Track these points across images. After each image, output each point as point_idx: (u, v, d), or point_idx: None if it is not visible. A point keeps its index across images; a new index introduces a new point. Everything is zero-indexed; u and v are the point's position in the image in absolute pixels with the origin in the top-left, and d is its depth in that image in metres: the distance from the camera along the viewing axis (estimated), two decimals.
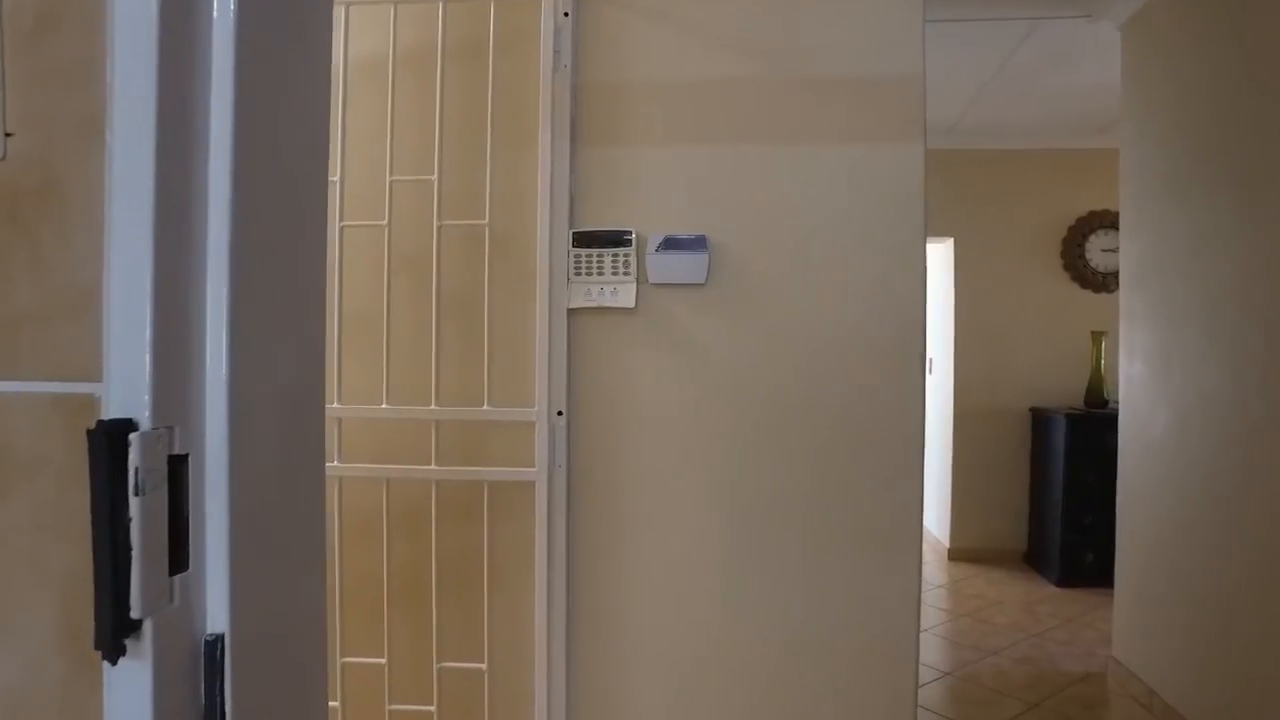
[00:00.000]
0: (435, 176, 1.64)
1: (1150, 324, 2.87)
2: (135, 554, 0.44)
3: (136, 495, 0.44)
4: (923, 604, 2.31)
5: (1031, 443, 4.82)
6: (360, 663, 1.67)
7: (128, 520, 0.44)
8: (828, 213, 1.67)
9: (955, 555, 4.88)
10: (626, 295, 1.68)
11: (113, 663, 0.44)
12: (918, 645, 1.67)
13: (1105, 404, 4.39)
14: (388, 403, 1.65)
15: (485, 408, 1.66)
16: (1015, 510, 4.86)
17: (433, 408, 1.65)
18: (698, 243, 1.67)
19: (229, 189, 0.49)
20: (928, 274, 1.71)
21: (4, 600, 0.48)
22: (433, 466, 1.65)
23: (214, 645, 0.49)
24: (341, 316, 1.64)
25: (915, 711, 1.67)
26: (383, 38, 1.66)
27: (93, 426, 0.43)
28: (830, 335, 1.67)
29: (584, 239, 1.68)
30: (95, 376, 0.46)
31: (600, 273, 1.67)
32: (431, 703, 1.66)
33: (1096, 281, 4.74)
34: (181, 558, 0.48)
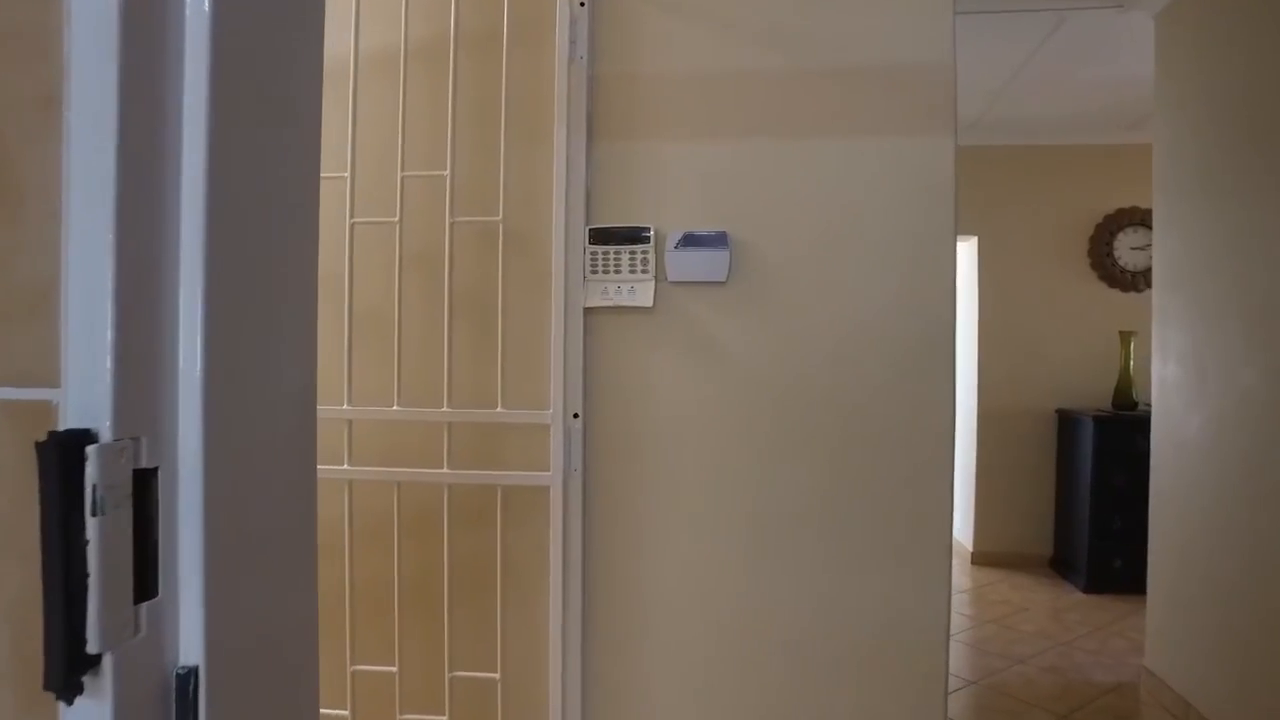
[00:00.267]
0: (448, 172, 1.60)
1: (1185, 324, 2.78)
2: (92, 581, 0.39)
3: (94, 515, 0.39)
4: None
5: (1057, 445, 4.72)
6: (370, 670, 1.63)
7: (84, 544, 0.39)
8: (854, 208, 1.61)
9: (979, 559, 4.78)
10: (644, 294, 1.62)
11: (68, 703, 0.40)
12: (947, 660, 1.61)
13: (1134, 406, 4.28)
14: (399, 404, 1.61)
15: (499, 410, 1.61)
16: (1040, 514, 4.76)
17: (445, 410, 1.60)
18: (718, 239, 1.61)
19: (204, 174, 0.45)
20: (956, 272, 1.64)
21: None
22: (445, 470, 1.61)
23: (186, 679, 0.44)
24: (352, 316, 1.60)
25: None
26: (393, 29, 1.61)
27: (44, 438, 0.38)
28: (856, 335, 1.61)
29: (600, 236, 1.63)
30: (53, 381, 0.41)
31: (617, 271, 1.62)
32: (443, 712, 1.61)
33: (1125, 280, 4.63)
34: (149, 583, 0.43)
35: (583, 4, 1.62)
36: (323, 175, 1.56)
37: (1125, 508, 4.08)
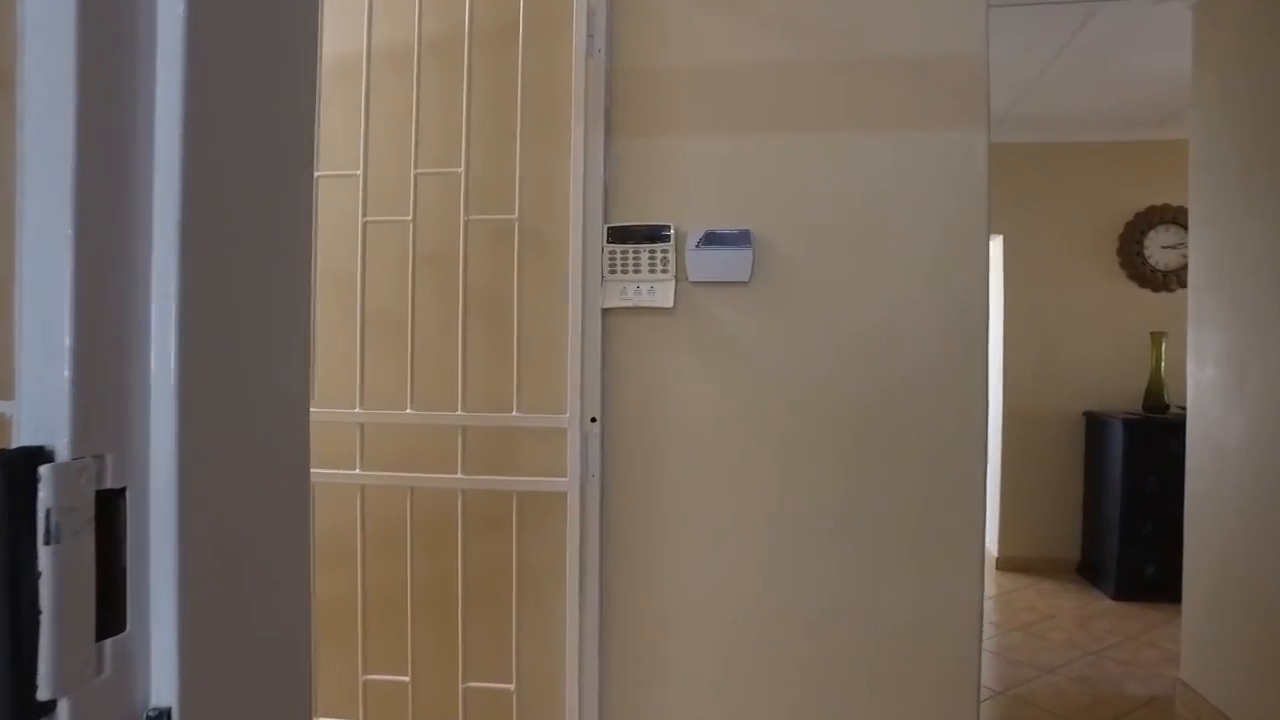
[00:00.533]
0: (462, 169, 1.56)
1: (1223, 326, 2.69)
2: (45, 618, 0.35)
3: (48, 544, 0.35)
4: None
5: (1085, 448, 4.61)
6: (382, 680, 1.59)
7: (35, 576, 0.34)
8: (882, 205, 1.55)
9: (1004, 565, 4.68)
10: (664, 294, 1.57)
11: None
12: (979, 674, 1.54)
13: (1166, 408, 4.17)
14: (412, 407, 1.57)
15: (514, 414, 1.57)
16: (1067, 518, 4.65)
17: (459, 413, 1.56)
18: (741, 238, 1.56)
19: (179, 160, 0.40)
20: (989, 271, 1.57)
21: None
22: (459, 475, 1.56)
23: None
24: (364, 317, 1.56)
25: None
26: (407, 24, 1.57)
27: None
28: (885, 336, 1.55)
29: (619, 234, 1.58)
30: (5, 393, 0.37)
31: (637, 270, 1.57)
32: None
33: (1156, 280, 4.51)
34: (115, 617, 0.39)
35: None
36: (334, 173, 1.53)
37: (1157, 513, 3.97)
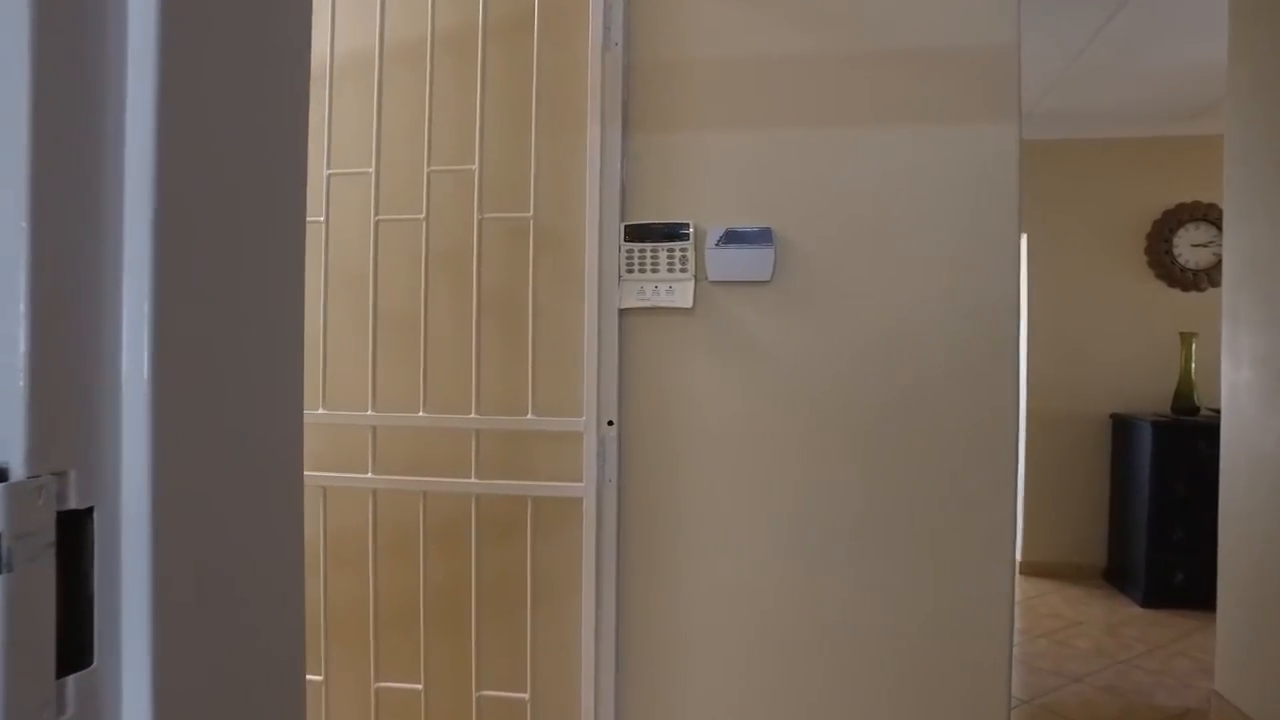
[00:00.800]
0: (476, 166, 1.52)
1: (1259, 325, 2.60)
2: None
3: (0, 573, 0.31)
4: None
5: (1112, 451, 4.51)
6: (395, 688, 1.56)
7: None
8: (909, 202, 1.50)
9: (1028, 570, 4.59)
10: (684, 294, 1.53)
11: None
12: (1009, 688, 1.48)
13: (1196, 410, 4.07)
14: (425, 410, 1.53)
15: (529, 417, 1.53)
16: (1093, 523, 4.56)
17: (473, 416, 1.53)
18: (762, 236, 1.51)
19: (153, 138, 0.36)
20: (1020, 270, 1.52)
21: None
22: (473, 479, 1.53)
23: None
24: (376, 318, 1.53)
25: None
26: (419, 18, 1.54)
27: None
28: (911, 338, 1.49)
29: (637, 233, 1.54)
30: None
31: (655, 269, 1.53)
32: None
33: (1186, 279, 4.41)
34: (81, 650, 0.35)
35: None
36: (346, 171, 1.50)
37: (1187, 518, 3.88)
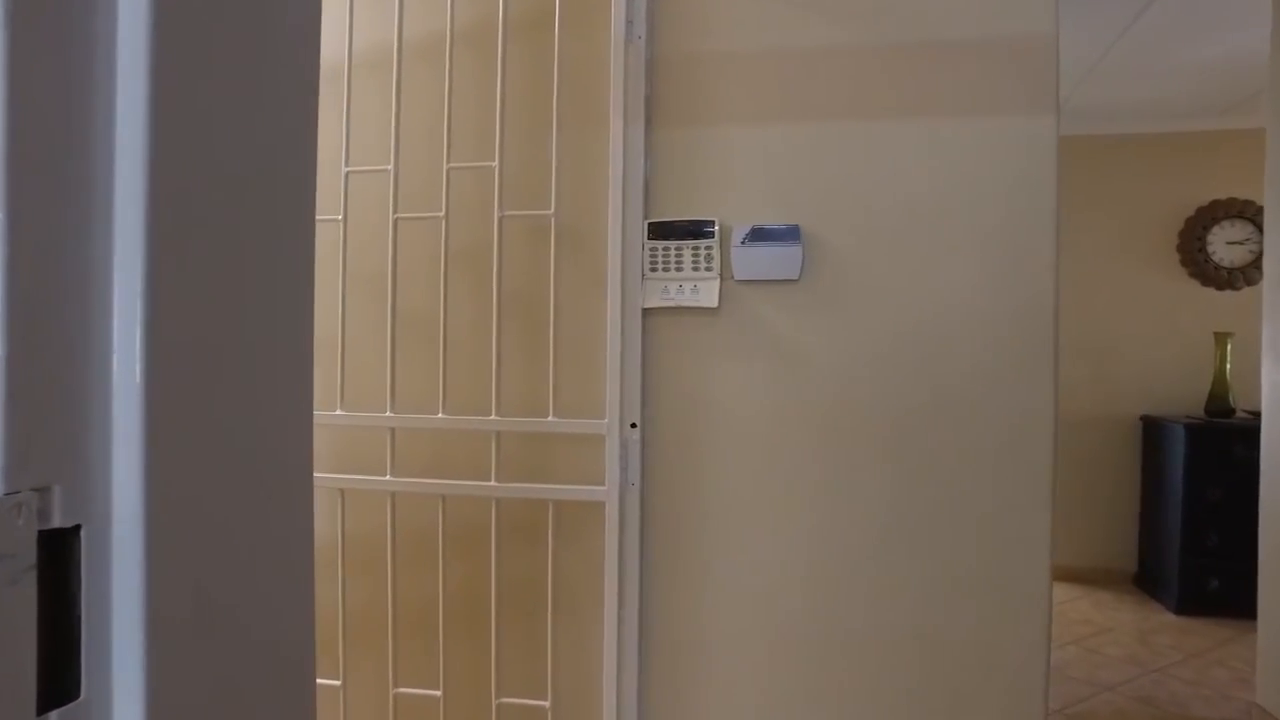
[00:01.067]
0: (496, 163, 1.49)
1: None
2: None
3: None
4: None
5: (1142, 454, 4.41)
6: (413, 694, 1.53)
7: None
8: (941, 198, 1.45)
9: (1056, 574, 4.46)
10: (709, 293, 1.49)
11: None
12: (1046, 698, 1.43)
13: (1231, 412, 3.96)
14: (444, 412, 1.51)
15: (551, 419, 1.50)
16: (1123, 527, 4.46)
17: (493, 418, 1.50)
18: (790, 233, 1.47)
19: (146, 119, 0.33)
20: (1058, 270, 1.46)
21: None
22: (493, 482, 1.50)
23: None
24: (395, 317, 1.51)
25: None
26: (438, 13, 1.51)
27: None
28: (944, 339, 1.44)
29: (661, 230, 1.50)
30: None
31: (679, 268, 1.49)
32: None
33: (1220, 278, 4.29)
34: (67, 682, 0.32)
35: None
36: (364, 168, 1.47)
37: (1222, 522, 3.78)
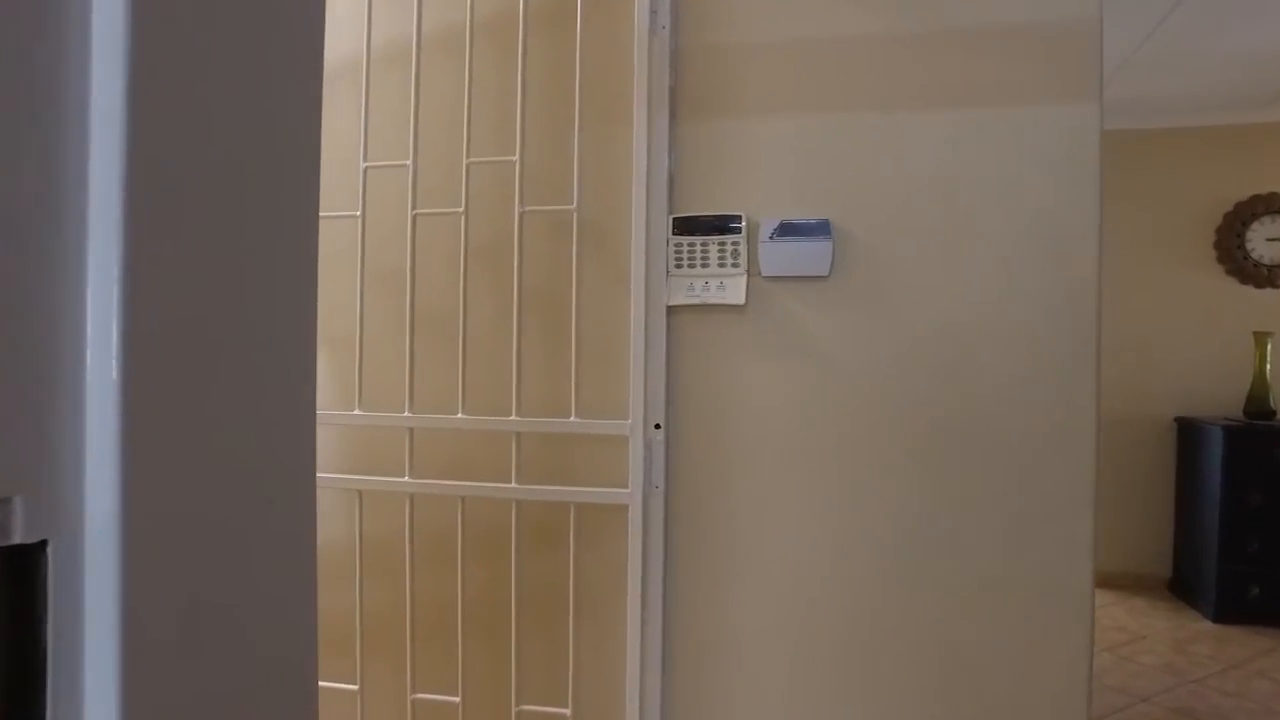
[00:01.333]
0: (517, 157, 1.46)
1: None
2: None
3: None
4: None
5: (1177, 456, 4.30)
6: (432, 700, 1.50)
7: None
8: (979, 190, 1.39)
9: None
10: (735, 290, 1.45)
11: None
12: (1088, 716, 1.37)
13: (1272, 414, 3.85)
14: (464, 412, 1.47)
15: (572, 419, 1.46)
16: (1158, 531, 4.35)
17: (513, 418, 1.46)
18: (820, 228, 1.42)
19: (123, 109, 0.29)
20: (1101, 266, 1.40)
21: None
22: (513, 484, 1.47)
23: None
24: (413, 315, 1.48)
25: None
26: (458, 6, 1.48)
27: None
28: (981, 337, 1.39)
29: (686, 225, 1.46)
30: None
31: (704, 264, 1.45)
32: None
33: (1260, 275, 4.17)
34: (31, 714, 0.28)
35: None
36: (382, 164, 1.44)
37: (1263, 528, 3.66)
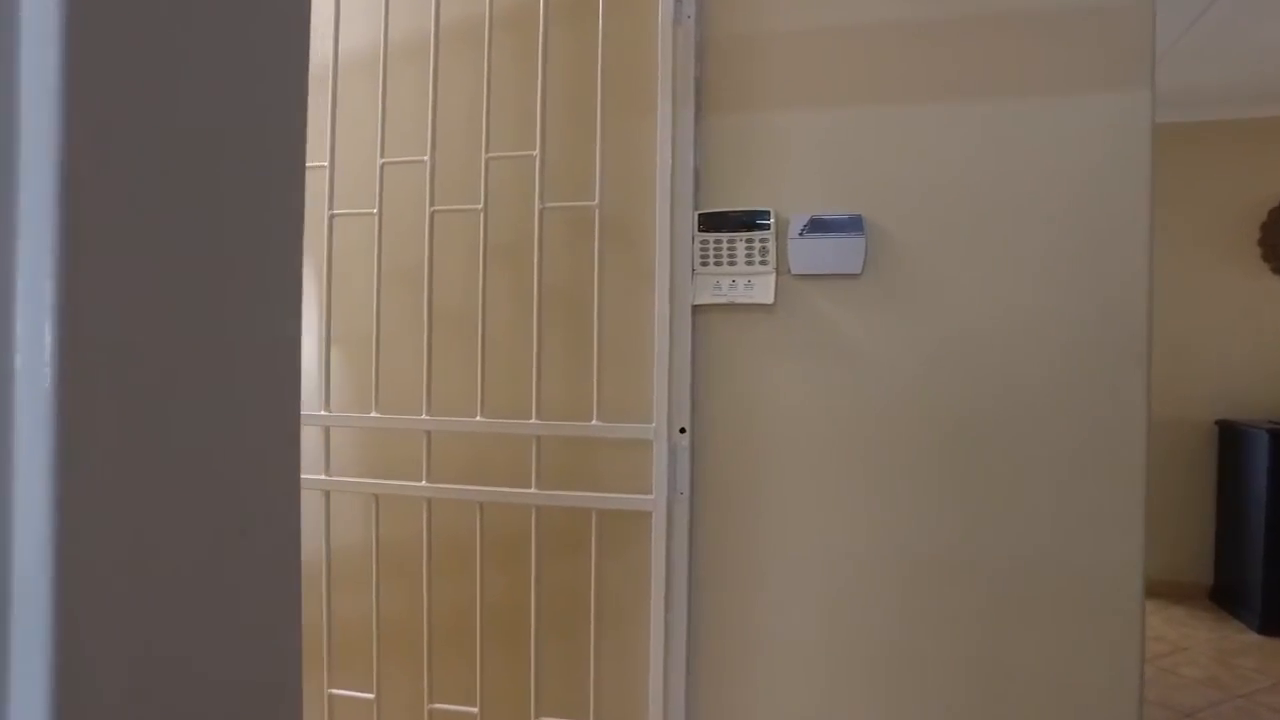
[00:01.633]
0: (537, 152, 1.41)
1: None
2: None
3: None
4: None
5: (1219, 460, 4.16)
6: (449, 710, 1.46)
7: None
8: (1019, 183, 1.32)
9: None
10: (763, 288, 1.39)
11: None
12: None
13: None
14: (482, 415, 1.43)
15: (594, 423, 1.42)
16: (1198, 538, 4.21)
17: (533, 422, 1.42)
18: (852, 224, 1.36)
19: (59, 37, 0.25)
20: (1152, 260, 1.33)
21: None
22: (533, 490, 1.42)
23: None
24: (431, 315, 1.44)
25: None
26: None
27: None
28: (1022, 339, 1.32)
29: (712, 222, 1.41)
30: None
31: (732, 262, 1.40)
32: None
33: None
34: None
35: None
36: (400, 159, 1.40)
37: None
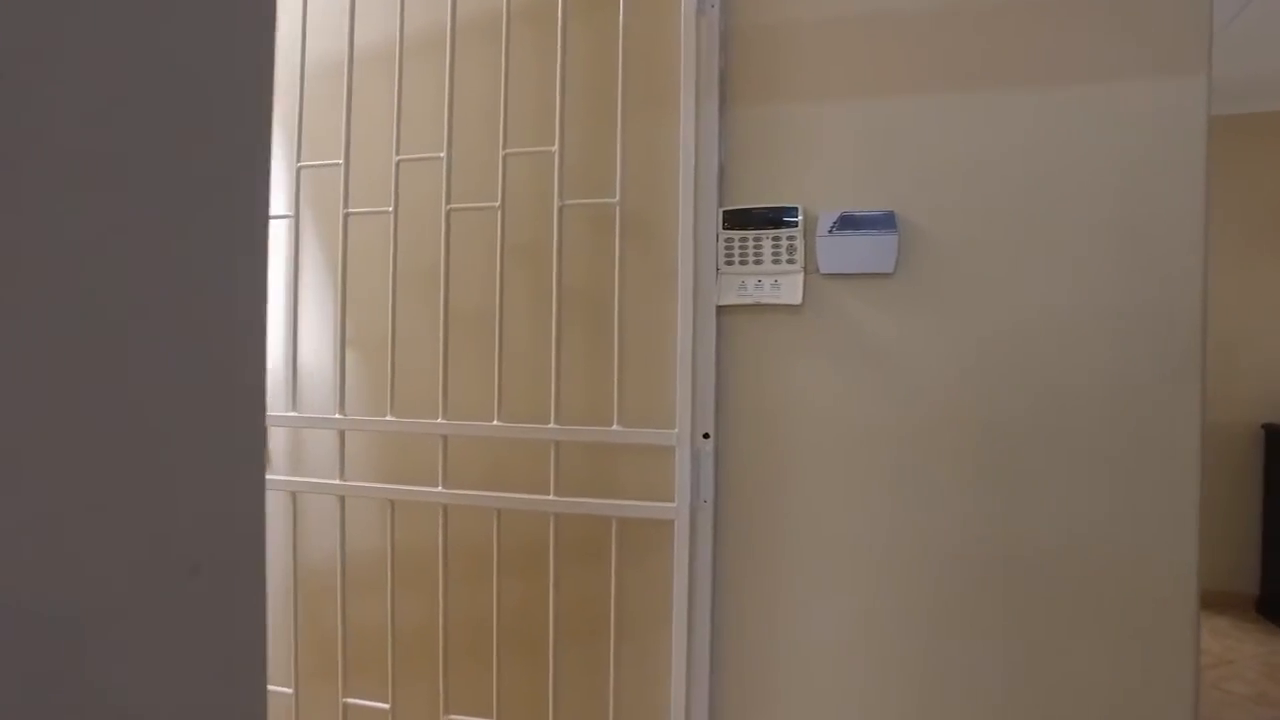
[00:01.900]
0: (556, 148, 1.37)
1: None
2: None
3: None
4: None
5: (1265, 465, 4.02)
6: None
7: None
8: (1065, 176, 1.25)
9: None
10: (791, 289, 1.33)
11: None
12: None
13: None
14: (500, 419, 1.39)
15: (615, 428, 1.37)
16: (1243, 546, 4.07)
17: (552, 426, 1.37)
18: (884, 221, 1.30)
19: None
20: (1207, 259, 1.25)
21: None
22: (551, 496, 1.38)
23: None
24: (447, 316, 1.40)
25: None
26: None
27: None
28: (1063, 343, 1.25)
29: (737, 219, 1.35)
30: None
31: (758, 261, 1.34)
32: None
33: None
34: None
35: None
36: (415, 156, 1.36)
37: None
